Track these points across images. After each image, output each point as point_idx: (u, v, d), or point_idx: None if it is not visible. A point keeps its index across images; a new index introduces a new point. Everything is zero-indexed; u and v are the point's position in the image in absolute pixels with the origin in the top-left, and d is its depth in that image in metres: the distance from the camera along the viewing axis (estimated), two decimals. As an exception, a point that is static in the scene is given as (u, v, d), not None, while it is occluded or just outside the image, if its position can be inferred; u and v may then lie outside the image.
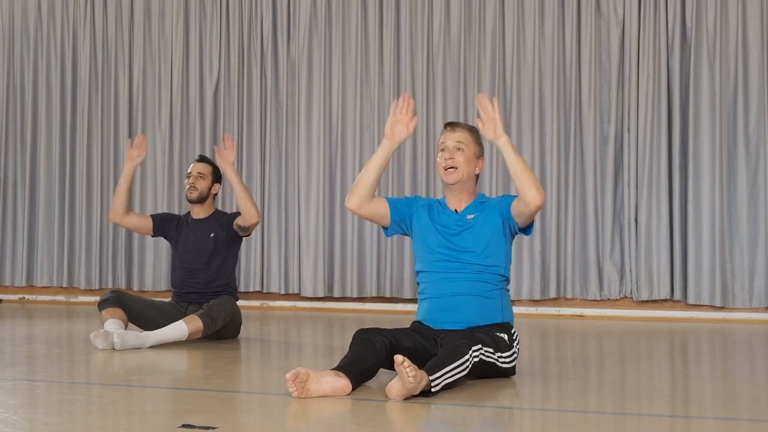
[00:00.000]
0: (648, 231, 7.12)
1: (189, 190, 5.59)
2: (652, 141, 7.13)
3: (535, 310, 7.26)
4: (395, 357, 3.43)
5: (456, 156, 4.03)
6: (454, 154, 4.03)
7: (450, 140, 4.05)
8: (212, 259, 5.55)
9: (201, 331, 5.08)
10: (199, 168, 5.61)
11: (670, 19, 7.19)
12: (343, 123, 7.78)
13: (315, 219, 7.75)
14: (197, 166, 5.63)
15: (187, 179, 5.63)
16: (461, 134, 4.05)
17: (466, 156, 4.03)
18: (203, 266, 5.54)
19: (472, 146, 4.05)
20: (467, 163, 4.03)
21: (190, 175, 5.62)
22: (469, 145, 4.04)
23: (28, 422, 3.04)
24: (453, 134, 4.06)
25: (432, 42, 7.61)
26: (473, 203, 4.10)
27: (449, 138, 4.06)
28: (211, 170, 5.62)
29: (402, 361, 3.40)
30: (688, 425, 3.26)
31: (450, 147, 4.04)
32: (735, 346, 5.65)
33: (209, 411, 3.27)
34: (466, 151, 4.03)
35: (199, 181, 5.58)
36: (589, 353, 5.29)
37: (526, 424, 3.30)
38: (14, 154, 8.55)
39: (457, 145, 4.03)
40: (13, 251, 8.51)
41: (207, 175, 5.61)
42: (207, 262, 5.54)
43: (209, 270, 5.54)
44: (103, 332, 4.90)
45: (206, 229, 5.57)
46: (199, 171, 5.59)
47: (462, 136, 4.05)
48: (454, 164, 4.02)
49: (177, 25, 8.19)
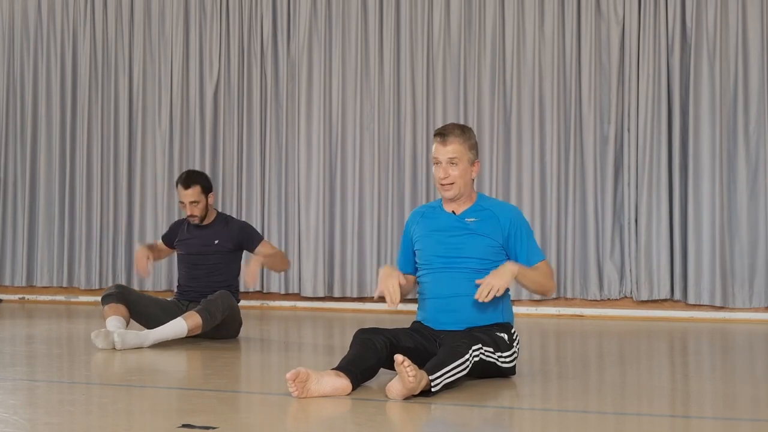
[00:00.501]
0: (648, 231, 7.11)
1: (190, 218, 5.59)
2: (652, 141, 7.13)
3: (535, 310, 7.26)
4: (395, 357, 3.44)
5: (450, 171, 3.99)
6: (449, 170, 3.99)
7: (442, 155, 4.00)
8: (215, 263, 5.57)
9: (200, 326, 5.08)
10: (189, 196, 5.53)
11: (670, 19, 7.19)
12: (343, 123, 7.78)
13: (315, 219, 7.74)
14: (187, 195, 5.53)
15: (182, 206, 5.60)
16: (453, 147, 3.99)
17: (461, 169, 4.00)
18: (206, 269, 5.56)
19: (465, 156, 4.01)
20: (462, 177, 4.01)
21: (183, 204, 5.58)
22: (463, 157, 4.00)
23: (28, 422, 3.04)
24: (445, 148, 3.99)
25: (432, 42, 7.61)
26: (473, 207, 4.09)
27: (441, 153, 4.00)
28: (200, 190, 5.56)
29: (402, 361, 3.40)
30: (688, 425, 3.26)
31: (443, 162, 4.00)
32: (735, 346, 5.65)
33: (209, 411, 3.27)
34: (460, 165, 3.99)
35: (195, 209, 5.55)
36: (589, 353, 5.29)
37: (526, 424, 3.30)
38: (14, 154, 8.55)
39: (450, 160, 3.99)
40: (13, 251, 8.51)
41: (200, 198, 5.56)
42: (210, 265, 5.56)
43: (212, 272, 5.55)
44: (104, 331, 4.91)
45: (209, 235, 5.59)
46: (192, 200, 5.53)
47: (454, 149, 3.99)
48: (450, 180, 4.00)
49: (177, 25, 8.19)
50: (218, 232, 5.59)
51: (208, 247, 5.56)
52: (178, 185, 5.59)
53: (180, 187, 5.57)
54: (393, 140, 7.59)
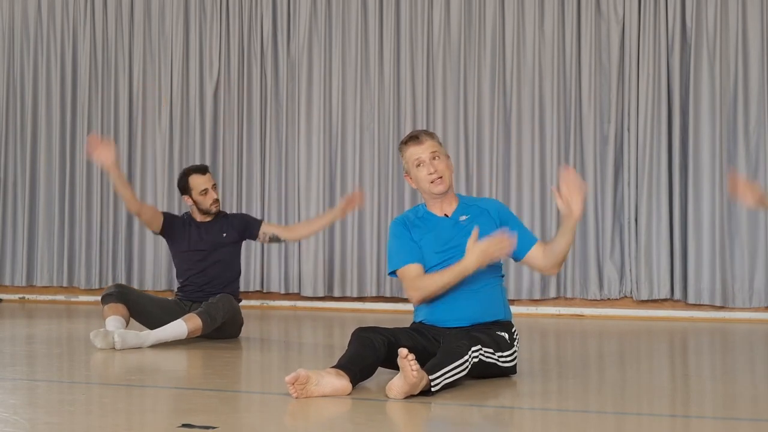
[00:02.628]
0: (648, 231, 7.11)
1: (213, 204, 5.58)
2: (652, 141, 7.13)
3: (535, 309, 7.26)
4: (399, 350, 3.43)
5: (437, 166, 4.02)
6: (435, 165, 4.02)
7: (423, 152, 4.03)
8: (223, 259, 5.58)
9: (200, 329, 5.08)
10: (209, 179, 5.60)
11: (670, 18, 7.19)
12: (343, 123, 7.78)
13: (315, 219, 7.74)
14: (207, 179, 5.58)
15: (203, 195, 5.55)
16: (430, 143, 4.05)
17: (445, 163, 4.06)
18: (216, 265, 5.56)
19: (441, 150, 4.08)
20: (448, 169, 4.07)
21: (206, 191, 5.55)
22: (440, 151, 4.07)
23: (28, 422, 3.04)
24: (422, 146, 4.04)
25: (432, 42, 7.61)
26: (460, 206, 4.13)
27: (421, 151, 4.03)
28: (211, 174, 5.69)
29: (406, 354, 3.40)
30: (688, 425, 3.26)
31: (427, 159, 4.02)
32: (735, 346, 5.65)
33: (209, 411, 3.27)
34: (441, 158, 4.05)
35: (216, 191, 5.62)
36: (589, 353, 5.29)
37: (527, 424, 3.30)
38: (14, 154, 8.54)
39: (432, 155, 4.03)
40: (13, 251, 8.51)
41: (215, 182, 5.70)
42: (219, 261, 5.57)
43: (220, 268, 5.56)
44: (103, 331, 4.90)
45: (217, 229, 5.61)
46: (213, 183, 5.62)
47: (432, 145, 4.05)
48: (439, 173, 4.03)
49: (177, 25, 8.19)
50: (223, 225, 5.63)
51: (218, 241, 5.58)
52: (192, 176, 5.58)
53: (195, 175, 5.58)
54: (393, 140, 7.59)
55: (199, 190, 5.56)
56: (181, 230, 5.64)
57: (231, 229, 5.62)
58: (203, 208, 5.58)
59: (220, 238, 5.59)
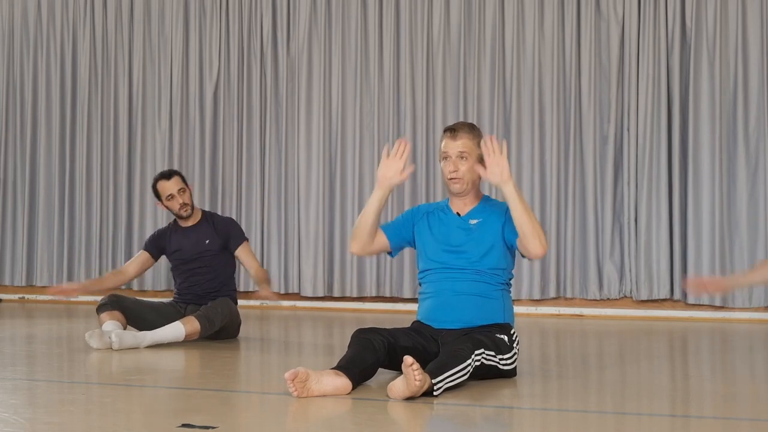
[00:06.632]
0: (648, 231, 7.11)
1: (182, 209, 5.45)
2: (652, 141, 7.13)
3: (535, 309, 7.26)
4: (405, 358, 3.42)
5: (459, 166, 3.99)
6: (458, 164, 3.99)
7: (452, 149, 4.00)
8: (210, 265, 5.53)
9: (198, 332, 5.08)
10: (174, 184, 5.44)
11: (669, 18, 7.19)
12: (343, 123, 7.78)
13: (315, 219, 7.74)
14: (171, 184, 5.43)
15: (170, 200, 5.44)
16: (463, 141, 4.00)
17: (469, 164, 4.00)
18: (202, 272, 5.52)
19: (474, 152, 4.00)
20: (470, 172, 4.01)
21: (171, 196, 5.43)
22: (472, 152, 4.00)
23: (28, 422, 3.04)
24: (455, 142, 4.00)
25: (432, 42, 7.61)
26: (478, 207, 4.10)
27: (451, 147, 4.01)
28: (180, 178, 5.51)
29: (411, 363, 3.39)
30: (688, 425, 3.26)
31: (453, 156, 4.00)
32: (735, 346, 5.65)
33: (209, 411, 3.27)
34: (469, 159, 3.99)
35: (184, 195, 5.47)
36: (589, 353, 5.29)
37: (527, 424, 3.30)
38: (14, 154, 8.55)
39: (460, 154, 3.99)
40: (13, 251, 8.51)
41: (184, 186, 5.50)
42: (206, 267, 5.52)
43: (207, 274, 5.52)
44: (98, 331, 4.89)
45: (200, 235, 5.53)
46: (179, 187, 5.45)
47: (464, 144, 4.00)
48: (459, 174, 4.00)
49: (177, 25, 8.19)
50: (206, 231, 5.53)
51: (200, 248, 5.50)
52: (158, 183, 5.47)
53: (162, 181, 5.46)
54: (393, 139, 7.58)
55: (165, 195, 5.46)
56: (167, 239, 5.58)
57: (215, 236, 5.51)
58: (173, 213, 5.53)
59: (203, 245, 5.50)
